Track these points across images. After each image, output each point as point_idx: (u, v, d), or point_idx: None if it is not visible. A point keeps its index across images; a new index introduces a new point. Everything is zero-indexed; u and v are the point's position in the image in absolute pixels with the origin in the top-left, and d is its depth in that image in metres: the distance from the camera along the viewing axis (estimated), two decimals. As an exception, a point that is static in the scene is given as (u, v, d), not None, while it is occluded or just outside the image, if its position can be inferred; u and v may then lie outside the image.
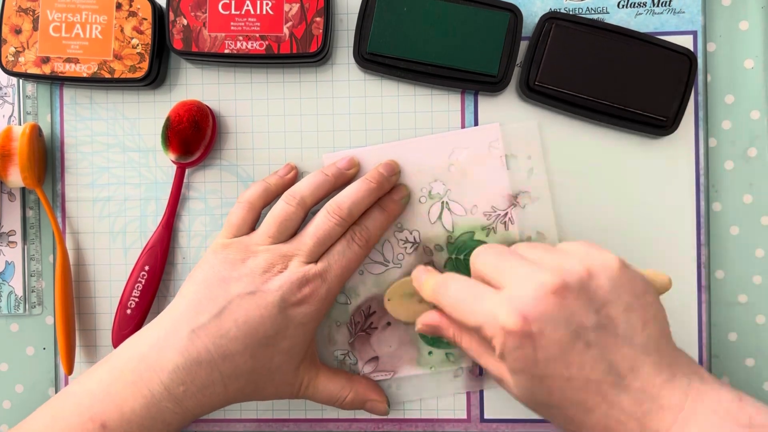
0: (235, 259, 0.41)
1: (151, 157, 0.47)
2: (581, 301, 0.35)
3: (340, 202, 0.42)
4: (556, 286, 0.35)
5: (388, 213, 0.44)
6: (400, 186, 0.45)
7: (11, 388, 0.49)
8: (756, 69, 0.46)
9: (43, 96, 0.48)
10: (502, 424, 0.47)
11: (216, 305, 0.40)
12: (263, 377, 0.41)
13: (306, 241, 0.41)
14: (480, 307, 0.36)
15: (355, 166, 0.45)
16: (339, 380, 0.44)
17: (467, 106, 0.46)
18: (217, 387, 0.39)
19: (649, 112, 0.44)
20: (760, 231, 0.46)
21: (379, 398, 0.45)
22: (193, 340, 0.39)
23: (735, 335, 0.46)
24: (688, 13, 0.45)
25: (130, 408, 0.38)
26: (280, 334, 0.40)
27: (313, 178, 0.43)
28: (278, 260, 0.41)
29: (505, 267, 0.37)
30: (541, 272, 0.35)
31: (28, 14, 0.45)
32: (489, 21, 0.44)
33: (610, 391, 0.34)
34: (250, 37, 0.44)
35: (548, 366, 0.35)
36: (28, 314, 0.48)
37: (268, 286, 0.40)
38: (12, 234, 0.48)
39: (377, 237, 0.44)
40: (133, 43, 0.45)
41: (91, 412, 0.38)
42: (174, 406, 0.38)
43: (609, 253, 0.37)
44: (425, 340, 0.46)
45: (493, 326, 0.35)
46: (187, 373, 0.38)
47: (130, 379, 0.38)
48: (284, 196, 0.43)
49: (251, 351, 0.39)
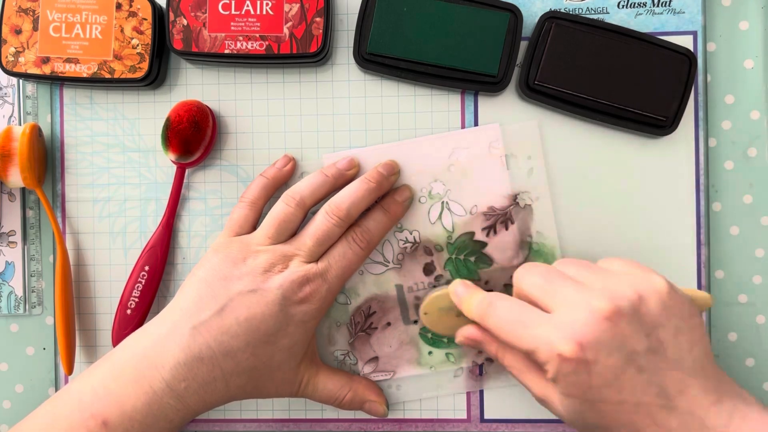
0: (236, 258, 0.41)
1: (151, 158, 0.48)
2: (633, 326, 0.35)
3: (339, 202, 0.42)
4: (609, 312, 0.35)
5: (391, 214, 0.44)
6: (403, 187, 0.45)
7: (11, 388, 0.49)
8: (756, 69, 0.46)
9: (43, 96, 0.48)
10: (502, 424, 0.47)
11: (217, 302, 0.40)
12: (264, 374, 0.41)
13: (306, 241, 0.41)
14: (532, 332, 0.36)
15: (355, 166, 0.45)
16: (339, 379, 0.44)
17: (467, 106, 0.46)
18: (218, 383, 0.39)
19: (649, 112, 0.44)
20: (760, 231, 0.46)
21: (378, 399, 0.45)
22: (195, 336, 0.39)
23: (735, 335, 0.46)
24: (688, 13, 0.45)
25: (132, 405, 0.38)
26: (281, 332, 0.40)
27: (313, 178, 0.43)
28: (279, 260, 0.41)
29: (554, 290, 0.37)
30: (592, 297, 0.36)
31: (28, 14, 0.45)
32: (489, 21, 0.44)
33: (660, 414, 0.35)
34: (250, 37, 0.44)
35: (601, 391, 0.35)
36: (28, 314, 0.48)
37: (269, 285, 0.40)
38: (12, 234, 0.48)
39: (379, 238, 0.44)
40: (133, 43, 0.45)
41: (93, 410, 0.38)
42: (176, 403, 0.39)
43: (656, 274, 0.37)
44: (425, 340, 0.46)
45: (548, 352, 0.35)
46: (189, 369, 0.39)
47: (131, 376, 0.39)
48: (284, 196, 0.43)
49: (252, 348, 0.39)
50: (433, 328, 0.44)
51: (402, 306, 0.46)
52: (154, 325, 0.40)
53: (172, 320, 0.40)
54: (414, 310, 0.46)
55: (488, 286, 0.46)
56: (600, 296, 0.36)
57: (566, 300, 0.36)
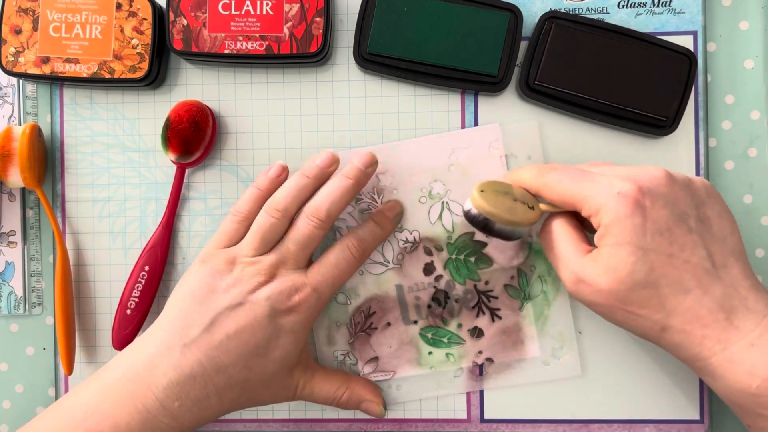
0: (223, 270, 0.41)
1: (151, 158, 0.47)
2: (685, 192, 0.37)
3: (318, 205, 0.41)
4: (664, 175, 0.37)
5: (384, 231, 0.45)
6: (393, 202, 0.45)
7: (11, 388, 0.49)
8: (756, 69, 0.46)
9: (43, 96, 0.48)
10: (502, 424, 0.47)
11: (206, 318, 0.39)
12: (257, 385, 0.41)
13: (289, 247, 0.41)
14: (591, 180, 0.38)
15: (336, 162, 0.43)
16: (335, 380, 0.44)
17: (467, 106, 0.46)
18: (212, 399, 0.39)
19: (649, 112, 0.44)
20: (760, 231, 0.46)
21: (375, 399, 0.45)
22: (186, 354, 0.39)
23: (735, 335, 0.46)
24: (688, 14, 0.45)
25: (126, 423, 0.38)
26: (271, 344, 0.40)
27: (294, 182, 0.42)
28: (264, 270, 0.40)
29: (594, 173, 0.39)
30: (645, 168, 0.38)
31: (28, 14, 0.45)
32: (489, 21, 0.44)
33: (705, 278, 0.36)
34: (250, 37, 0.44)
35: (654, 239, 0.36)
36: (28, 314, 0.48)
37: (256, 297, 0.40)
38: (12, 234, 0.48)
39: (372, 249, 0.44)
40: (133, 43, 0.45)
41: (86, 426, 0.38)
42: (170, 421, 0.38)
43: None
44: (425, 340, 0.46)
45: (607, 193, 0.36)
46: (182, 388, 0.38)
47: (124, 394, 0.38)
48: (267, 207, 0.42)
49: (244, 362, 0.39)
50: (487, 206, 0.39)
51: (402, 306, 0.46)
52: (143, 343, 0.40)
53: (161, 338, 0.40)
54: (414, 310, 0.46)
55: (488, 286, 0.46)
56: (653, 169, 0.38)
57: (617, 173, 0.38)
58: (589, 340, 0.46)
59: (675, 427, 0.46)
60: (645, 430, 0.46)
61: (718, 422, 0.46)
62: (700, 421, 0.46)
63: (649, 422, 0.46)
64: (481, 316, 0.46)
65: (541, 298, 0.46)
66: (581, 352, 0.46)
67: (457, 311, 0.46)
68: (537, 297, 0.46)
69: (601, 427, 0.46)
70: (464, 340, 0.46)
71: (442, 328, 0.46)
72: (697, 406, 0.46)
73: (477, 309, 0.46)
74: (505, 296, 0.46)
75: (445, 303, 0.46)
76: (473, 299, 0.46)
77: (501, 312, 0.46)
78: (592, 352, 0.46)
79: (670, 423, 0.46)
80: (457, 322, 0.46)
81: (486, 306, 0.46)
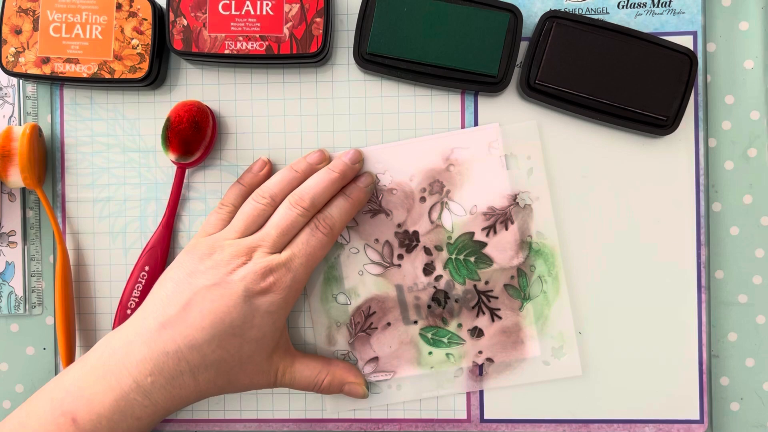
0: (203, 254, 0.42)
1: (151, 158, 0.48)
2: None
3: (302, 193, 0.42)
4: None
5: (353, 200, 0.44)
6: (365, 174, 0.45)
7: (11, 388, 0.49)
8: (756, 69, 0.46)
9: (43, 96, 0.48)
10: (502, 424, 0.47)
11: (183, 297, 0.40)
12: (234, 367, 0.41)
13: (270, 232, 0.42)
14: None
15: (326, 160, 0.45)
16: (315, 365, 0.44)
17: (467, 106, 0.46)
18: (185, 377, 0.40)
19: (649, 112, 0.44)
20: (760, 231, 0.46)
21: (357, 380, 0.45)
22: (160, 332, 0.40)
23: (735, 335, 0.46)
24: (688, 14, 0.45)
25: (100, 401, 0.39)
26: (246, 324, 0.40)
27: (282, 175, 0.44)
28: (243, 252, 0.41)
29: None
30: None
31: (29, 15, 0.45)
32: (489, 21, 0.44)
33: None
34: (250, 37, 0.44)
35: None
36: (28, 314, 0.48)
37: (232, 277, 0.40)
38: (12, 234, 0.48)
39: (342, 224, 0.44)
40: (133, 43, 0.45)
41: (63, 407, 0.39)
42: (143, 399, 0.39)
43: None
44: (425, 341, 0.46)
45: None
46: (155, 363, 0.39)
47: (100, 373, 0.39)
48: (254, 194, 0.43)
49: (218, 341, 0.40)
50: None
51: (402, 306, 0.46)
52: (125, 326, 0.41)
53: (141, 319, 0.41)
54: (414, 310, 0.46)
55: (488, 286, 0.46)
56: None
57: None
58: (589, 340, 0.46)
59: (675, 427, 0.46)
60: (645, 430, 0.46)
61: (718, 422, 0.47)
62: (700, 421, 0.46)
63: (649, 422, 0.46)
64: (481, 316, 0.46)
65: (541, 298, 0.46)
66: (581, 352, 0.46)
67: (457, 311, 0.46)
68: (537, 297, 0.46)
69: (601, 427, 0.46)
70: (464, 340, 0.46)
71: (442, 328, 0.46)
72: (697, 406, 0.46)
73: (477, 309, 0.46)
74: (505, 296, 0.46)
75: (445, 303, 0.46)
76: (473, 299, 0.46)
77: (501, 312, 0.46)
78: (592, 352, 0.46)
79: (670, 423, 0.46)
80: (457, 322, 0.46)
81: (486, 306, 0.46)
